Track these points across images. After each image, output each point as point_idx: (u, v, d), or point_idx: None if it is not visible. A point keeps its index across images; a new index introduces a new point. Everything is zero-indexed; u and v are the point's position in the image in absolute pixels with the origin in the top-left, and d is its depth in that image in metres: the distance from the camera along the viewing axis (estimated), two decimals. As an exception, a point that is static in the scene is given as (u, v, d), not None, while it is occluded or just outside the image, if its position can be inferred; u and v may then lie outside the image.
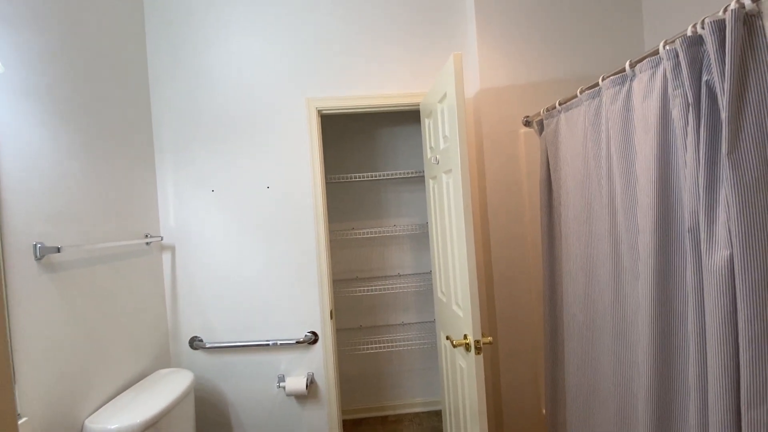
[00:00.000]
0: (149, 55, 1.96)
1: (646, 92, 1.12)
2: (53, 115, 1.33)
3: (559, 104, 1.61)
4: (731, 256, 0.87)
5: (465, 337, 1.48)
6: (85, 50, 1.52)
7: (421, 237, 2.75)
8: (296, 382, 1.92)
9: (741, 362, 0.84)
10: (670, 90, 1.03)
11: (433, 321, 2.75)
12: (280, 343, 1.95)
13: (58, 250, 1.24)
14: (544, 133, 1.75)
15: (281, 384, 1.96)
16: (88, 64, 1.52)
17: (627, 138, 1.22)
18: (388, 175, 2.64)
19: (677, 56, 0.99)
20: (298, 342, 1.96)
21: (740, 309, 0.83)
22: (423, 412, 2.70)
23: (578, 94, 1.48)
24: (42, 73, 1.30)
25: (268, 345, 1.96)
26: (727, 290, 0.87)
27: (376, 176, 2.64)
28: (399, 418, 2.65)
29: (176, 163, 1.97)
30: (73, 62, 1.45)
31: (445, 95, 1.53)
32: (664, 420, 1.11)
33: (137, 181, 1.81)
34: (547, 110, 1.71)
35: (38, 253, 1.21)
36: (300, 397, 1.99)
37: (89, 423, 1.34)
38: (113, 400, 1.49)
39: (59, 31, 1.39)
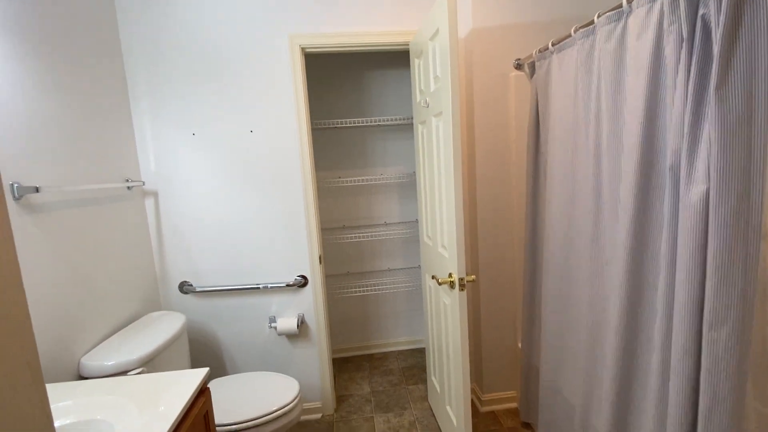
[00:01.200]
0: (113, -19, 1.78)
1: (641, 29, 1.10)
2: (20, 51, 1.22)
3: (552, 45, 1.57)
4: (708, 190, 0.91)
5: (450, 275, 1.55)
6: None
7: (407, 186, 2.76)
8: (287, 323, 1.99)
9: (707, 288, 0.91)
10: (665, 25, 1.01)
11: (418, 267, 2.84)
12: (271, 286, 2.00)
13: (37, 190, 1.20)
14: (535, 75, 1.72)
15: (273, 324, 2.03)
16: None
17: (618, 79, 1.22)
18: (375, 121, 2.59)
19: (676, -12, 0.96)
20: (288, 285, 2.01)
21: (710, 239, 0.89)
22: (407, 350, 2.87)
23: (572, 33, 1.44)
24: (4, 7, 1.17)
25: (258, 288, 2.00)
26: (701, 222, 0.92)
27: (363, 122, 2.57)
28: (384, 356, 2.81)
29: (152, 105, 1.87)
30: (29, -16, 1.31)
31: (437, 31, 1.47)
32: (630, 346, 1.22)
33: (112, 123, 1.71)
34: (540, 51, 1.67)
35: (16, 193, 1.16)
36: (291, 337, 2.08)
37: (85, 360, 1.37)
38: (107, 341, 1.52)
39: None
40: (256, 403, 1.53)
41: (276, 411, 1.51)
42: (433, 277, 1.74)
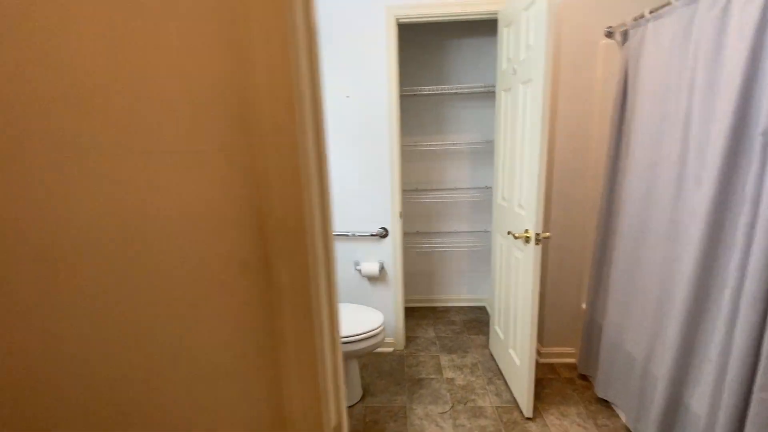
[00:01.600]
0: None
1: (749, -3, 1.13)
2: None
3: (650, 13, 1.59)
4: (798, 155, 0.98)
5: (526, 231, 1.71)
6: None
7: (478, 153, 2.87)
8: (370, 267, 2.28)
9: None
10: (775, -5, 1.05)
11: (483, 231, 2.99)
12: (358, 234, 2.29)
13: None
14: (627, 43, 1.75)
15: (358, 267, 2.34)
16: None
17: (717, 46, 1.25)
18: (452, 89, 2.70)
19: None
20: (372, 235, 2.29)
21: (794, 198, 0.97)
22: (467, 306, 3.10)
23: (672, 1, 1.47)
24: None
25: (348, 235, 2.30)
26: (786, 184, 1.00)
27: (440, 90, 2.70)
28: (447, 309, 3.06)
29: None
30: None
31: (532, 2, 1.56)
32: (701, 295, 1.32)
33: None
34: (635, 19, 1.69)
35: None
36: (372, 279, 2.38)
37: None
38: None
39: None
40: (351, 324, 1.84)
41: (367, 332, 1.82)
42: (509, 233, 1.91)
